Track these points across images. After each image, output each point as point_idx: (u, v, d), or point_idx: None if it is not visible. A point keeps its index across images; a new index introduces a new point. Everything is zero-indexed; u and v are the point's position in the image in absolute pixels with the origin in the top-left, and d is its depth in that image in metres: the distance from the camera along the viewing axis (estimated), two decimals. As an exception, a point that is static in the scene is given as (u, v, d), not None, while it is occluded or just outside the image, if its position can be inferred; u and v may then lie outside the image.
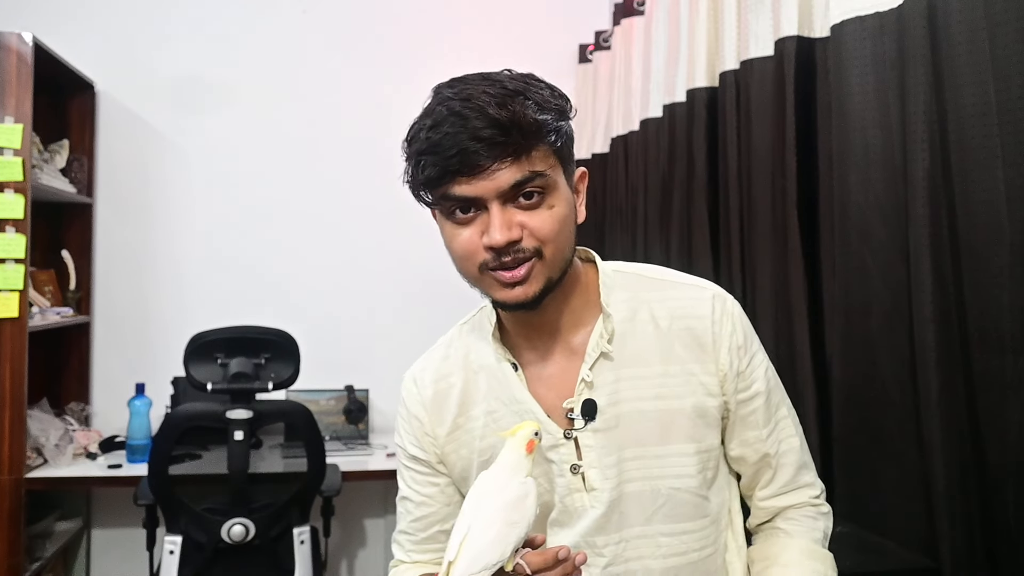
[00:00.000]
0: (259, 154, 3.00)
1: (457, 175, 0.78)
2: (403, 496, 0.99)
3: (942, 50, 1.24)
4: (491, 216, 0.79)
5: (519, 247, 0.80)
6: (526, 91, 0.81)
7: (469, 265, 0.83)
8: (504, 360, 0.91)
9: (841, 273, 1.44)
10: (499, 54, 3.20)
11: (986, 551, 1.18)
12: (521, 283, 0.81)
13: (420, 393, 0.96)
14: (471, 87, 0.80)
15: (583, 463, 0.88)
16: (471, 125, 0.76)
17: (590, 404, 0.87)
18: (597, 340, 0.89)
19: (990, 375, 1.17)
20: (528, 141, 0.78)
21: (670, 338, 0.90)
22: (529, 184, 0.79)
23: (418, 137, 0.81)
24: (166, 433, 2.00)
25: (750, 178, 1.82)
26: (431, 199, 0.83)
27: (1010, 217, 1.14)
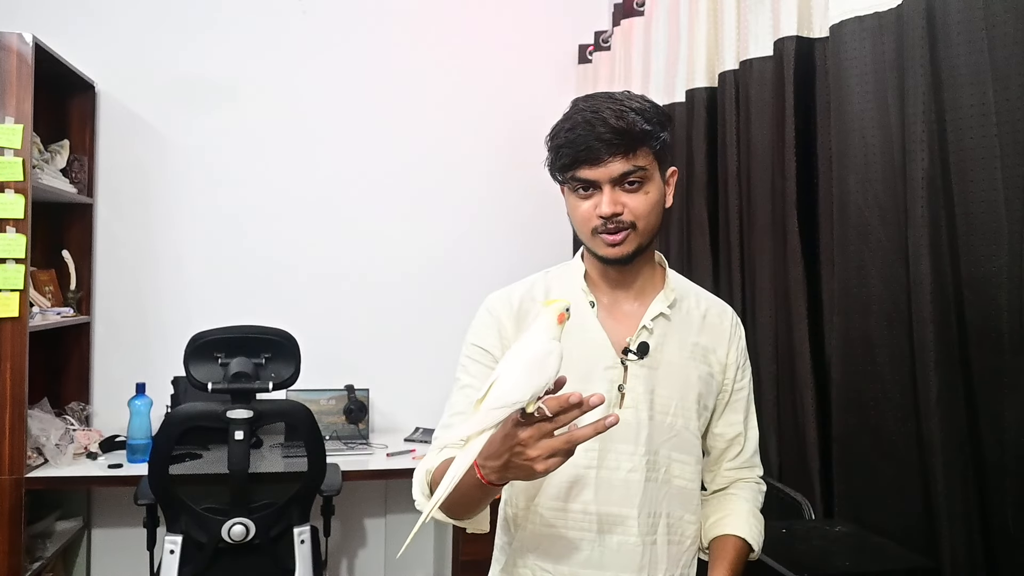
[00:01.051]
0: (259, 154, 3.00)
1: (583, 163, 1.08)
2: (465, 385, 1.16)
3: (941, 50, 1.24)
4: (603, 194, 1.09)
5: (620, 219, 1.09)
6: (636, 107, 1.09)
7: (585, 227, 1.12)
8: (586, 299, 1.17)
9: (841, 273, 1.45)
10: (500, 54, 3.21)
11: (985, 551, 1.19)
12: (619, 244, 1.11)
13: (509, 303, 1.19)
14: (599, 103, 1.09)
15: (627, 385, 1.13)
16: (597, 130, 1.06)
17: (644, 345, 1.14)
18: (660, 302, 1.17)
19: (989, 375, 1.18)
20: (635, 144, 1.07)
21: (705, 324, 1.21)
22: (632, 175, 1.08)
23: (558, 135, 1.10)
24: (166, 433, 2.00)
25: (749, 178, 1.82)
26: (563, 178, 1.12)
27: (1009, 217, 1.15)
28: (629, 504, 1.12)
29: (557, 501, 1.14)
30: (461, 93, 3.00)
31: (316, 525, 2.24)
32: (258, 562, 2.05)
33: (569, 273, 1.22)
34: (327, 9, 3.06)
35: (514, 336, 1.15)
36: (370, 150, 3.06)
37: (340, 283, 3.01)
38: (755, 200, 1.80)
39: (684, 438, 1.16)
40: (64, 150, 2.77)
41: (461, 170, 3.04)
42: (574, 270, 1.22)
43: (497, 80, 2.96)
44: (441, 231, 3.02)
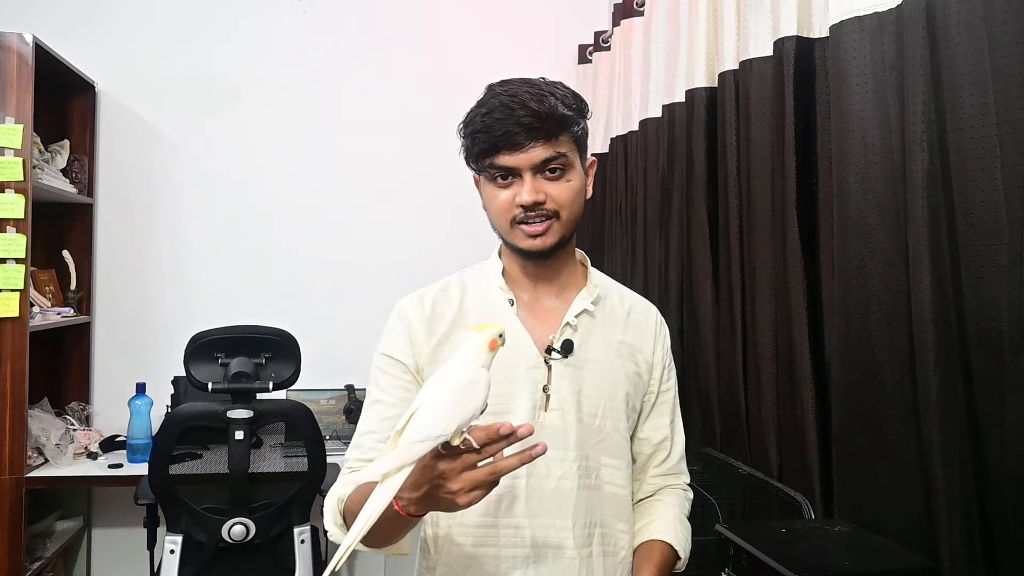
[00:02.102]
0: (260, 154, 3.00)
1: (502, 150, 1.03)
2: (375, 400, 1.11)
3: (941, 50, 1.24)
4: (524, 182, 1.04)
5: (542, 208, 1.05)
6: (556, 92, 1.06)
7: (504, 219, 1.07)
8: (505, 296, 1.12)
9: (840, 273, 1.44)
10: (499, 54, 3.21)
11: (985, 551, 1.19)
12: (541, 235, 1.06)
13: (421, 307, 1.13)
14: (515, 87, 1.05)
15: (551, 387, 1.08)
16: (516, 114, 1.01)
17: (568, 343, 1.10)
18: (584, 298, 1.14)
19: (989, 375, 1.18)
20: (556, 129, 1.03)
21: (629, 321, 1.18)
22: (554, 162, 1.04)
23: (474, 121, 1.05)
24: (167, 432, 2.00)
25: (749, 178, 1.82)
26: (480, 167, 1.07)
27: (1009, 217, 1.15)
28: (563, 515, 1.05)
29: (485, 518, 1.06)
30: (461, 93, 2.99)
31: (316, 525, 2.24)
32: (258, 562, 2.05)
33: (486, 271, 1.17)
34: (327, 9, 3.06)
35: (426, 343, 1.10)
36: (371, 150, 3.06)
37: (340, 283, 3.01)
38: (755, 200, 1.80)
39: (614, 440, 1.12)
40: (64, 150, 2.77)
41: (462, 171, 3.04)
42: (491, 268, 1.17)
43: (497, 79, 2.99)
44: (441, 232, 3.02)
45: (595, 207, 2.97)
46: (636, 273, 2.50)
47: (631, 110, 2.59)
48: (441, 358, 1.08)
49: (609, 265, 2.79)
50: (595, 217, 2.97)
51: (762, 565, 1.19)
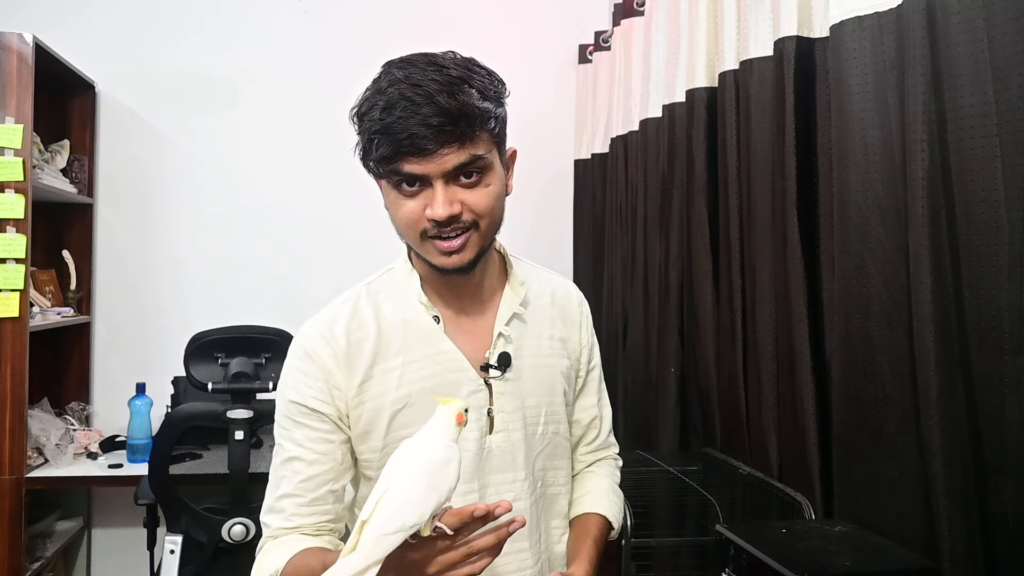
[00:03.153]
0: (260, 154, 3.00)
1: (407, 155, 0.87)
2: (291, 457, 0.98)
3: (941, 50, 1.24)
4: (435, 193, 0.89)
5: (459, 220, 0.91)
6: (470, 79, 0.89)
7: (411, 232, 0.93)
8: (428, 314, 1.00)
9: (841, 273, 1.44)
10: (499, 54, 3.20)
11: (986, 551, 1.19)
12: (458, 252, 0.92)
13: (332, 344, 0.98)
14: (419, 72, 0.88)
15: (495, 407, 1.00)
16: (422, 111, 0.84)
17: (505, 356, 1.00)
18: (511, 301, 1.03)
19: (990, 375, 1.18)
20: (471, 128, 0.88)
21: (553, 312, 1.09)
22: (470, 166, 0.89)
23: (371, 116, 0.88)
24: (167, 433, 2.00)
25: (750, 178, 1.82)
26: (381, 171, 0.91)
27: (1009, 217, 1.15)
28: (520, 537, 0.98)
29: None
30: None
31: (316, 525, 2.24)
32: (258, 562, 2.05)
33: (399, 284, 1.03)
34: (327, 9, 3.06)
35: (347, 384, 0.96)
36: (370, 150, 3.06)
37: (340, 283, 2.99)
38: (755, 200, 1.80)
39: (557, 443, 1.07)
40: (64, 150, 2.77)
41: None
42: (404, 280, 1.02)
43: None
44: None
45: (595, 207, 2.97)
46: (636, 273, 2.50)
47: (631, 110, 2.59)
48: (369, 396, 0.97)
49: (609, 265, 2.79)
50: (595, 217, 2.97)
51: (762, 565, 1.19)
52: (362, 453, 0.99)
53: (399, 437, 0.92)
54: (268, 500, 1.00)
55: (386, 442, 0.97)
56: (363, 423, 0.97)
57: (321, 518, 0.98)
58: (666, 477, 1.85)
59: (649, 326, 2.37)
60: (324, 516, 0.98)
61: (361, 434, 0.98)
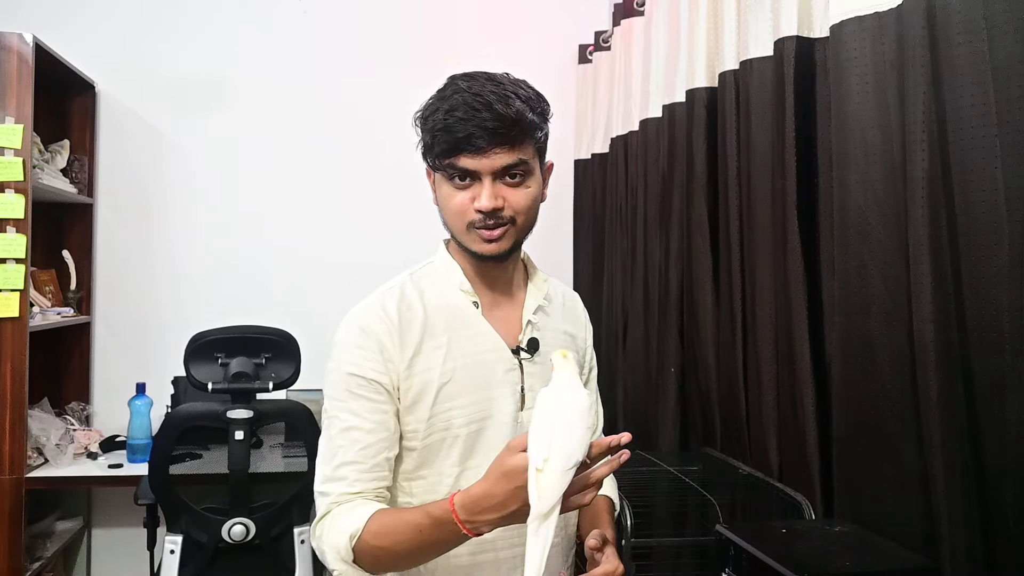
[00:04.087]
0: (260, 154, 3.00)
1: (463, 152, 1.01)
2: (349, 427, 1.05)
3: (941, 50, 1.24)
4: (483, 187, 1.03)
5: (500, 214, 1.04)
6: (520, 94, 1.04)
7: (459, 220, 1.06)
8: (468, 299, 1.12)
9: (841, 273, 1.44)
10: (499, 54, 3.19)
11: (986, 551, 1.19)
12: (496, 241, 1.05)
13: (385, 321, 1.08)
14: (479, 84, 1.02)
15: (525, 386, 1.11)
16: (480, 115, 0.99)
17: (534, 341, 1.13)
18: (536, 294, 1.17)
19: (990, 375, 1.18)
20: (520, 135, 1.02)
21: (564, 311, 1.23)
22: (515, 168, 1.03)
23: (436, 117, 1.03)
24: (167, 433, 2.00)
25: (749, 178, 1.82)
26: (438, 165, 1.05)
27: (1009, 217, 1.15)
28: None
29: None
30: (461, 93, 2.99)
31: (316, 525, 2.24)
32: (258, 562, 2.05)
33: (443, 273, 1.15)
34: (327, 9, 3.06)
35: (400, 358, 1.06)
36: (371, 150, 3.06)
37: (340, 283, 3.00)
38: (755, 200, 1.80)
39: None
40: (64, 150, 2.77)
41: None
42: (447, 269, 1.15)
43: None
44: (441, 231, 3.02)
45: (595, 207, 2.97)
46: (636, 273, 2.50)
47: (631, 110, 2.59)
48: (418, 370, 1.07)
49: (609, 265, 2.79)
50: (595, 217, 2.97)
51: (762, 565, 1.19)
52: (408, 424, 1.07)
53: (443, 409, 1.06)
54: (325, 470, 1.06)
55: (432, 413, 1.06)
56: (412, 394, 1.06)
57: (380, 484, 1.05)
58: (666, 477, 1.86)
59: (649, 326, 2.37)
60: (382, 483, 1.06)
61: (409, 405, 1.07)
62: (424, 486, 1.08)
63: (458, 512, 0.91)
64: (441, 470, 1.07)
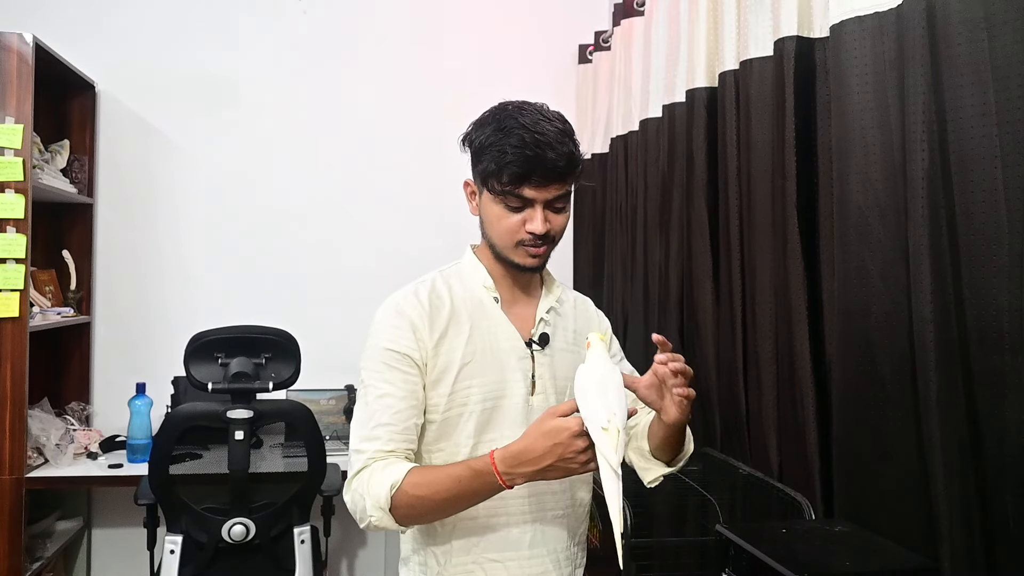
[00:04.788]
0: (260, 154, 3.00)
1: (527, 184, 1.15)
2: (384, 394, 1.17)
3: (941, 50, 1.24)
4: (536, 213, 1.18)
5: (547, 236, 1.19)
6: (568, 132, 1.18)
7: (510, 238, 1.20)
8: (490, 295, 1.26)
9: (841, 273, 1.45)
10: (500, 54, 3.21)
11: (986, 551, 1.19)
12: (539, 257, 1.22)
13: (418, 306, 1.22)
14: (536, 120, 1.15)
15: (536, 374, 1.24)
16: (547, 156, 1.13)
17: (544, 336, 1.27)
18: (550, 296, 1.31)
19: (990, 375, 1.18)
20: (572, 172, 1.18)
21: (576, 313, 1.36)
22: (562, 199, 1.19)
23: (501, 147, 1.15)
24: (167, 433, 2.00)
25: (750, 178, 1.82)
26: (499, 190, 1.17)
27: (1009, 217, 1.15)
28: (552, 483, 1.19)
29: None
30: (461, 93, 3.00)
31: (316, 525, 2.24)
32: (258, 562, 2.05)
33: (469, 272, 1.29)
34: (327, 9, 3.06)
35: (429, 339, 1.20)
36: (371, 150, 3.06)
37: (340, 283, 3.01)
38: (755, 200, 1.80)
39: None
40: (64, 150, 2.77)
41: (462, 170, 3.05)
42: (473, 269, 1.29)
43: (497, 80, 2.97)
44: (442, 231, 3.02)
45: (595, 207, 2.97)
46: (636, 273, 2.50)
47: (631, 110, 2.59)
48: (444, 351, 1.20)
49: (609, 265, 2.79)
50: (595, 217, 2.97)
51: (762, 565, 1.19)
52: (431, 398, 1.20)
53: (463, 387, 1.19)
54: (361, 431, 1.17)
55: (453, 389, 1.19)
56: (437, 371, 1.20)
57: (409, 446, 1.17)
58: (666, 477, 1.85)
59: (649, 326, 2.37)
60: (411, 445, 1.17)
61: (435, 381, 1.20)
62: (443, 457, 1.19)
63: (497, 464, 1.06)
64: (458, 441, 1.19)
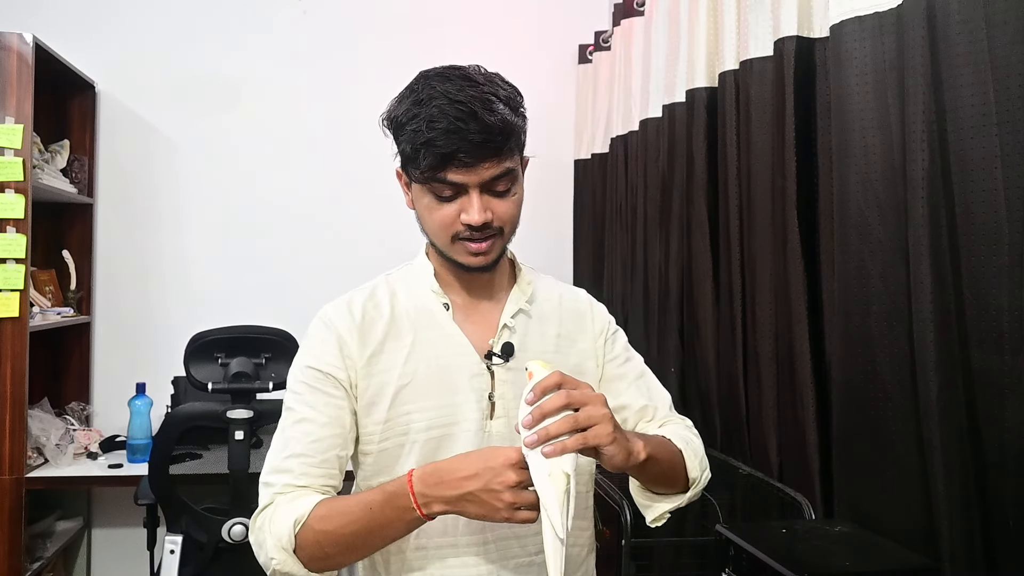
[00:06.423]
0: (259, 154, 3.00)
1: (450, 167, 0.95)
2: (302, 418, 1.01)
3: (941, 50, 1.24)
4: (471, 200, 0.98)
5: (490, 227, 1.00)
6: (502, 96, 0.98)
7: (444, 234, 1.01)
8: (439, 301, 1.08)
9: (841, 273, 1.45)
10: (499, 54, 3.19)
11: (986, 551, 1.19)
12: (484, 253, 1.01)
13: (348, 317, 1.06)
14: (456, 87, 0.96)
15: (496, 393, 1.04)
16: (467, 129, 0.93)
17: (508, 346, 1.06)
18: (518, 297, 1.10)
19: (990, 375, 1.18)
20: (507, 143, 0.97)
21: (561, 312, 1.14)
22: (502, 178, 0.98)
23: (415, 127, 0.96)
24: (167, 432, 2.00)
25: (750, 178, 1.82)
26: (424, 179, 0.98)
27: (1009, 217, 1.15)
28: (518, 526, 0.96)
29: (444, 537, 1.01)
30: (461, 93, 2.99)
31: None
32: (258, 562, 2.05)
33: (416, 276, 1.11)
34: (327, 10, 3.06)
35: (359, 355, 1.03)
36: (371, 150, 3.05)
37: (340, 282, 2.98)
38: (755, 200, 1.80)
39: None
40: (64, 150, 2.77)
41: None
42: (420, 270, 1.11)
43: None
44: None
45: (595, 207, 2.97)
46: (636, 273, 2.50)
47: (631, 110, 2.59)
48: (377, 370, 1.03)
49: (609, 265, 2.79)
50: (595, 217, 2.97)
51: (762, 565, 1.19)
52: (365, 427, 1.03)
53: (401, 412, 1.01)
54: (273, 461, 1.01)
55: (388, 416, 1.02)
56: (369, 394, 1.03)
57: (328, 481, 1.00)
58: (666, 477, 1.85)
59: (649, 326, 2.37)
60: (330, 480, 1.01)
61: (366, 405, 1.03)
62: None
63: (414, 483, 0.88)
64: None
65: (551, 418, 0.85)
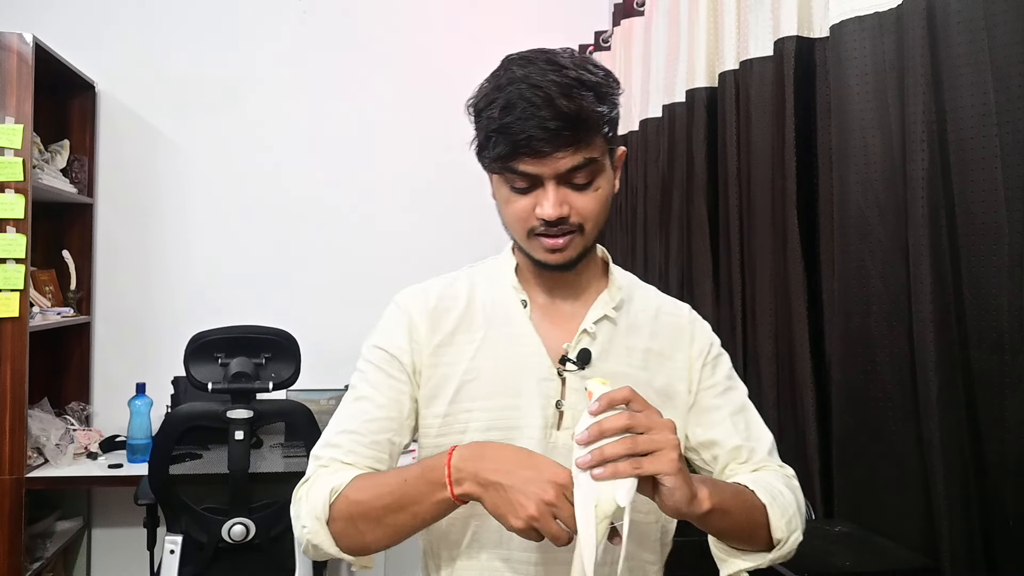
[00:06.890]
0: (259, 154, 3.00)
1: (523, 155, 0.89)
2: (362, 396, 0.99)
3: (941, 50, 1.24)
4: (546, 193, 0.90)
5: (566, 222, 0.92)
6: (588, 81, 0.90)
7: (520, 227, 0.95)
8: (516, 297, 1.01)
9: (841, 273, 1.44)
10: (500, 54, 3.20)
11: (986, 551, 1.19)
12: (561, 250, 0.94)
13: (422, 302, 1.02)
14: (538, 72, 0.89)
15: (565, 402, 0.96)
16: (540, 114, 0.86)
17: (585, 353, 0.98)
18: (604, 302, 1.02)
19: (990, 375, 1.18)
20: (587, 132, 0.89)
21: (656, 325, 1.05)
22: (582, 169, 0.90)
23: (490, 114, 0.90)
24: (167, 433, 2.00)
25: (750, 178, 1.82)
26: (496, 168, 0.93)
27: (1009, 217, 1.15)
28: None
29: (499, 550, 0.96)
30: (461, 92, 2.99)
31: (316, 525, 2.23)
32: (258, 562, 2.05)
33: (499, 270, 1.05)
34: (327, 9, 3.06)
35: (427, 341, 0.99)
36: (370, 149, 3.06)
37: (340, 282, 3.00)
38: (755, 200, 1.80)
39: None
40: (64, 150, 2.77)
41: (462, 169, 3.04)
42: (503, 264, 1.05)
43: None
44: (442, 230, 3.02)
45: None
46: (636, 273, 2.49)
47: (631, 110, 2.59)
48: (444, 361, 0.98)
49: (609, 265, 2.79)
50: (595, 217, 2.97)
51: (762, 565, 1.19)
52: (424, 418, 1.00)
53: (462, 409, 0.96)
54: (327, 435, 0.98)
55: (448, 411, 0.97)
56: (432, 384, 0.99)
57: (375, 464, 0.96)
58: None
59: (649, 326, 2.37)
60: (378, 464, 0.97)
61: (428, 396, 0.99)
62: None
63: (454, 456, 0.83)
64: None
65: (609, 438, 0.77)
